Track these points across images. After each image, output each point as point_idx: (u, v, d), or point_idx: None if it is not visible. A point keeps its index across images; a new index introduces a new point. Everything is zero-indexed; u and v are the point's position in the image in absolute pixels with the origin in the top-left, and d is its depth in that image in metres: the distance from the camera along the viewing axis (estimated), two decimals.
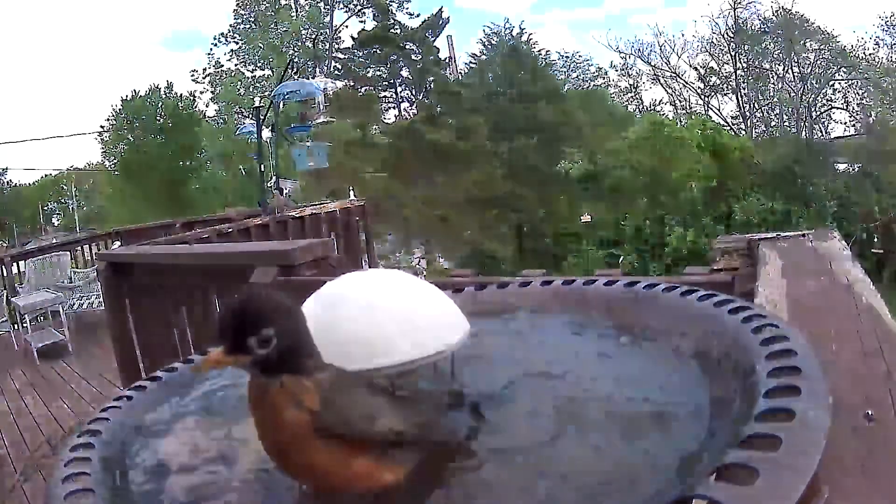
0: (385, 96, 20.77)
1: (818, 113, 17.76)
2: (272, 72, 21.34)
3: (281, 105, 6.99)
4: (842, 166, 16.67)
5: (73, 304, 6.47)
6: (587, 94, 22.80)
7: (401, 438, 0.54)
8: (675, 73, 20.44)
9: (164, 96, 24.23)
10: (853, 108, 17.77)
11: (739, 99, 19.36)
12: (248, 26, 23.12)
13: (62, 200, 34.00)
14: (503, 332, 0.82)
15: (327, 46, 22.66)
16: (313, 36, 22.29)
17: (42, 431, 4.10)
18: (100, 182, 28.45)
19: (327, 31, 23.50)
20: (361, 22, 22.95)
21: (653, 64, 20.69)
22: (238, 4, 23.17)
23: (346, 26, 23.81)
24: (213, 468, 0.60)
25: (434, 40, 20.01)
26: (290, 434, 0.51)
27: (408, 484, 0.54)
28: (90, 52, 41.31)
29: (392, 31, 19.07)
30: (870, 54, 17.31)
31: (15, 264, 7.44)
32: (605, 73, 23.63)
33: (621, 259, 16.36)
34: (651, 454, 0.51)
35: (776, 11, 18.25)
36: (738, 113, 19.63)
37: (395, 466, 0.53)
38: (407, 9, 21.82)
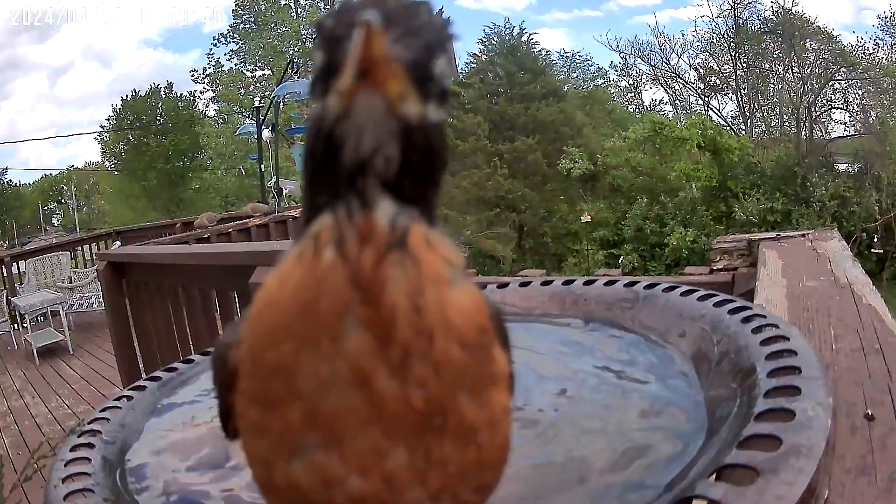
0: None
1: (818, 113, 17.71)
2: (272, 72, 21.33)
3: (281, 105, 6.99)
4: (842, 166, 16.65)
5: (73, 304, 6.47)
6: (587, 94, 22.81)
7: None
8: (675, 73, 20.40)
9: (164, 96, 24.25)
10: (853, 108, 17.73)
11: (739, 99, 19.32)
12: (248, 26, 23.11)
13: (62, 200, 34.01)
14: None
15: None
16: (313, 36, 22.27)
17: (42, 431, 4.10)
18: (100, 182, 28.47)
19: None
20: None
21: (653, 64, 20.66)
22: (238, 4, 23.17)
23: None
24: (214, 468, 0.60)
25: None
26: (464, 330, 0.27)
27: None
28: (89, 52, 41.30)
29: None
30: (870, 54, 17.27)
31: (15, 264, 7.45)
32: (605, 73, 23.64)
33: (621, 259, 16.36)
34: (651, 454, 0.51)
35: (776, 11, 18.22)
36: (738, 113, 19.59)
37: None
38: None
